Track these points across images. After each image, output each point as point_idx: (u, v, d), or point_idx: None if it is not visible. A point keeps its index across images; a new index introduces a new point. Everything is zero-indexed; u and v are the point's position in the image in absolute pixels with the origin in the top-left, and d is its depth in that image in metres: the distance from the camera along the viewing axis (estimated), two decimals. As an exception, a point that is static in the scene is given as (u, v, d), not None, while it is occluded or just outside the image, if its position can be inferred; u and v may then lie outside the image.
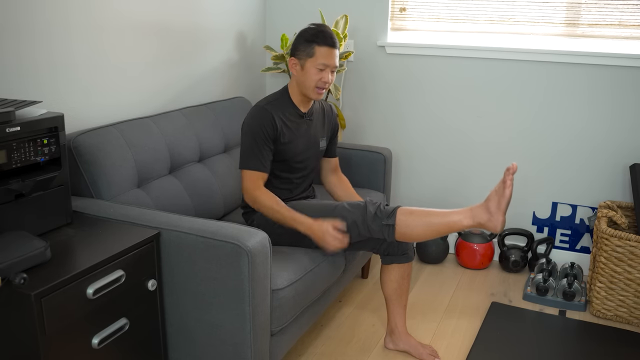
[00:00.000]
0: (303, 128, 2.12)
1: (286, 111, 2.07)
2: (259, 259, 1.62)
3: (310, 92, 2.04)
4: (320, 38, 1.98)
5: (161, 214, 1.76)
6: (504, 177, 1.84)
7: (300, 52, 2.01)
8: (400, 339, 2.18)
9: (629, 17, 2.61)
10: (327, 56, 1.99)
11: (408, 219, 1.93)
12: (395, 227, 1.93)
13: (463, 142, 3.00)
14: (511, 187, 1.83)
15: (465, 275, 2.90)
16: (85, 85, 2.07)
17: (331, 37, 2.00)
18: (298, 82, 2.06)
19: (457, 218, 1.92)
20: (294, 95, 2.10)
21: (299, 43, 2.02)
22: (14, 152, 1.49)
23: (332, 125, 2.29)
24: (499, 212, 1.86)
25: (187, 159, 2.29)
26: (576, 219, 2.89)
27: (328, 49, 1.99)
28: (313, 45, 1.99)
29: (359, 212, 1.95)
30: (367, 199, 2.01)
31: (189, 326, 1.72)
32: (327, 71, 2.02)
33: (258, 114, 2.01)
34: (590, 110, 2.74)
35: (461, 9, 2.87)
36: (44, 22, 1.87)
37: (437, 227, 1.93)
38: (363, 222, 1.94)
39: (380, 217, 1.94)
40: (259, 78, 3.22)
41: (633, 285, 2.40)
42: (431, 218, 1.93)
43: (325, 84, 2.03)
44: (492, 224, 1.87)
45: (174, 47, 2.48)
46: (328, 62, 2.00)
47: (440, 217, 1.93)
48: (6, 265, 1.31)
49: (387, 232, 1.94)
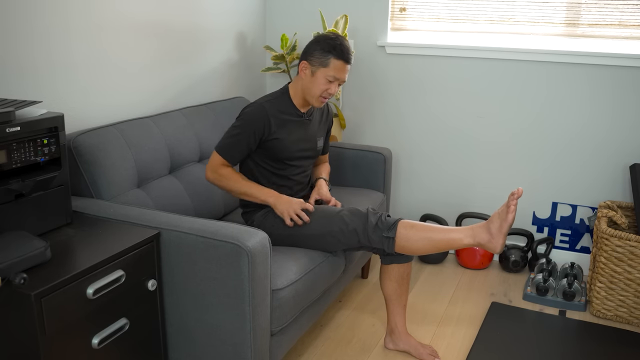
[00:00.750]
0: (301, 128, 2.12)
1: (284, 110, 2.08)
2: (259, 259, 1.62)
3: (314, 100, 2.06)
4: (338, 51, 1.99)
5: (161, 214, 1.76)
6: (508, 201, 1.86)
7: (315, 59, 2.01)
8: (400, 339, 2.18)
9: (629, 17, 2.61)
10: (340, 70, 2.01)
11: (409, 233, 1.94)
12: (396, 239, 1.94)
13: (463, 142, 3.00)
14: (514, 212, 1.85)
15: (465, 275, 2.90)
16: (85, 85, 2.07)
17: (348, 53, 2.02)
18: (303, 87, 2.06)
19: (458, 236, 1.94)
20: (295, 97, 2.10)
21: (314, 49, 2.02)
22: (14, 152, 1.49)
23: (328, 122, 2.30)
24: (500, 234, 1.88)
25: (187, 159, 2.29)
26: (576, 219, 2.89)
27: (343, 63, 2.01)
28: (329, 57, 1.99)
29: (360, 220, 1.96)
30: (369, 208, 2.01)
31: (189, 326, 1.72)
32: (335, 84, 2.03)
33: (254, 110, 2.03)
34: (590, 110, 2.74)
35: (461, 9, 2.87)
36: (44, 22, 1.87)
37: (437, 243, 1.94)
38: (364, 231, 1.95)
39: (381, 229, 1.94)
40: (259, 78, 3.22)
41: (633, 285, 2.40)
42: (432, 234, 1.94)
43: (329, 95, 2.05)
44: (492, 245, 1.90)
45: (174, 47, 2.48)
46: (339, 76, 2.02)
47: (441, 234, 1.94)
48: (6, 265, 1.31)
49: (387, 244, 1.95)
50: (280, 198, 2.01)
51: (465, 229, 1.95)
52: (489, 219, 1.93)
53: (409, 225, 1.95)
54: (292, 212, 1.98)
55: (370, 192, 2.62)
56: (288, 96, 2.10)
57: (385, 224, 1.95)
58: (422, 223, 1.98)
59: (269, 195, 2.01)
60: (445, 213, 3.12)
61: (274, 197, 2.01)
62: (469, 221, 3.08)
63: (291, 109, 2.10)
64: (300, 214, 1.98)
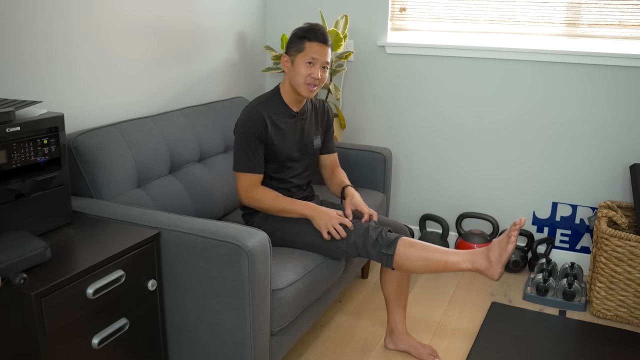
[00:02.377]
0: (295, 128, 2.10)
1: (277, 111, 2.06)
2: (259, 259, 1.61)
3: (301, 89, 2.02)
4: (311, 33, 1.99)
5: (161, 214, 1.76)
6: (509, 230, 1.86)
7: (292, 49, 2.02)
8: (400, 339, 2.18)
9: (629, 17, 2.61)
10: (316, 51, 1.98)
11: (408, 252, 1.93)
12: (394, 257, 1.93)
13: (463, 142, 3.00)
14: (514, 243, 1.84)
15: (465, 275, 2.90)
16: (85, 85, 2.07)
17: (322, 34, 2.00)
18: (290, 80, 2.05)
19: (457, 260, 1.92)
20: (285, 95, 2.08)
21: (291, 40, 2.04)
22: (14, 152, 1.49)
23: (325, 121, 2.27)
24: (499, 264, 1.88)
25: (187, 159, 2.29)
26: (576, 219, 2.89)
27: (318, 44, 1.99)
28: (304, 41, 1.99)
29: (361, 234, 1.95)
30: (371, 222, 1.99)
31: (189, 326, 1.72)
32: (317, 67, 1.99)
33: (249, 115, 2.01)
34: (590, 110, 2.74)
35: (461, 9, 2.87)
36: (44, 22, 1.87)
37: (435, 265, 1.93)
38: (363, 245, 1.94)
39: (380, 244, 1.94)
40: (259, 78, 3.22)
41: (633, 285, 2.40)
42: (430, 254, 1.93)
43: (315, 80, 2.00)
44: (490, 273, 1.89)
45: (174, 47, 2.48)
46: (318, 57, 1.98)
47: (439, 255, 1.93)
48: (6, 265, 1.31)
49: (386, 260, 1.94)
50: (319, 211, 1.97)
51: (465, 253, 1.93)
52: (488, 246, 1.91)
53: (409, 244, 1.93)
54: (330, 225, 1.94)
55: (370, 192, 2.62)
56: (279, 96, 2.09)
57: (385, 240, 1.94)
58: (423, 242, 1.95)
59: (306, 207, 1.99)
60: (445, 213, 3.12)
61: (311, 210, 1.98)
62: (469, 221, 3.08)
63: (283, 109, 2.08)
64: (338, 228, 1.94)
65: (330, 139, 2.31)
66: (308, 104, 2.18)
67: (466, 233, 2.97)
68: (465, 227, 3.10)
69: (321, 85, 2.05)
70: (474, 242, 2.92)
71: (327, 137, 2.29)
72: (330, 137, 2.31)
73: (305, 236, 1.99)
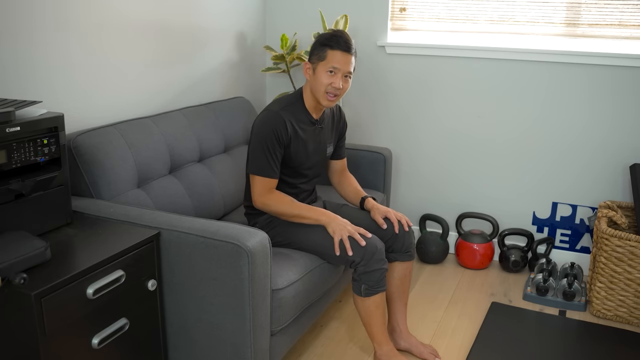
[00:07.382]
0: (313, 135, 2.09)
1: (299, 118, 2.03)
2: (259, 259, 1.62)
3: (321, 98, 1.99)
4: (334, 41, 1.94)
5: (161, 214, 1.76)
6: None
7: (314, 57, 1.99)
8: (401, 338, 2.18)
9: (629, 17, 2.61)
10: (338, 60, 1.94)
11: (371, 306, 1.98)
12: (364, 298, 1.97)
13: (463, 142, 3.00)
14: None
15: (465, 275, 2.90)
16: (85, 85, 2.07)
17: (345, 42, 1.95)
18: (311, 87, 2.02)
19: (385, 350, 2.03)
20: (307, 101, 2.05)
21: (314, 47, 2.00)
22: (14, 152, 1.49)
23: (340, 128, 2.26)
24: None
25: (187, 159, 2.29)
26: (576, 219, 2.89)
27: (341, 52, 1.94)
28: (326, 49, 1.95)
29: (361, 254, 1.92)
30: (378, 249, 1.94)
31: (189, 326, 1.72)
32: (339, 76, 1.95)
33: (272, 119, 1.96)
34: (590, 110, 2.74)
35: (461, 9, 2.87)
36: (43, 22, 1.87)
37: (369, 330, 2.03)
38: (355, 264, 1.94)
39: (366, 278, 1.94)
40: (259, 78, 3.22)
41: (633, 285, 2.40)
42: (372, 328, 2.01)
43: (336, 90, 1.96)
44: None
45: (173, 47, 2.48)
46: (339, 66, 1.94)
47: (376, 331, 2.01)
48: (6, 265, 1.31)
49: (358, 291, 1.98)
50: (333, 217, 1.95)
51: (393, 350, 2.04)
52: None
53: (378, 303, 1.98)
54: (344, 234, 1.91)
55: (371, 192, 2.62)
56: (302, 102, 2.06)
57: (372, 279, 1.94)
58: (384, 311, 2.01)
59: (321, 214, 1.97)
60: (445, 213, 3.12)
61: (326, 216, 1.96)
62: (469, 221, 3.08)
63: (305, 116, 2.05)
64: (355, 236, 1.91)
65: (343, 144, 2.29)
66: (327, 110, 2.16)
67: (466, 233, 2.97)
68: (465, 227, 3.10)
69: (342, 94, 2.01)
70: (474, 241, 2.92)
71: (340, 143, 2.28)
72: (343, 143, 2.29)
73: (307, 240, 1.98)
